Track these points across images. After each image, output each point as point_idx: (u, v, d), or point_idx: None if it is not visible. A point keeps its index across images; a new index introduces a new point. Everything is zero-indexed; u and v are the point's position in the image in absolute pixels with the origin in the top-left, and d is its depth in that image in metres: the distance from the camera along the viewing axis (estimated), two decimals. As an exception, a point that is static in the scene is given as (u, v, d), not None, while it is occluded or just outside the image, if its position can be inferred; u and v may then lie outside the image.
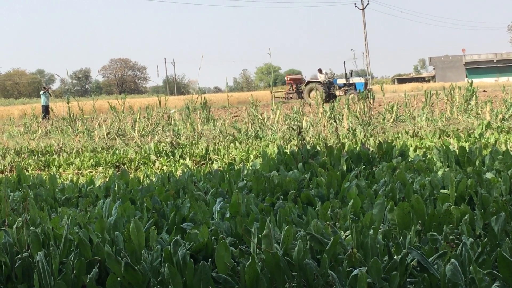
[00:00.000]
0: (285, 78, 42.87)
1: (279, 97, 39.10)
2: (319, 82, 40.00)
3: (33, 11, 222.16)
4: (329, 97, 36.54)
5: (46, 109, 30.90)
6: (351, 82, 39.62)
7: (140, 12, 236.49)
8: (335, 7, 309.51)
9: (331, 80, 40.31)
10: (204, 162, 10.43)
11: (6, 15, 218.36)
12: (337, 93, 38.33)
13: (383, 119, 16.77)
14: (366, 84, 39.69)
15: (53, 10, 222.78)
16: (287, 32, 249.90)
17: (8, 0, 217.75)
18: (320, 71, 41.79)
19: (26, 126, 22.21)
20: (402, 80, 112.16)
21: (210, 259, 3.31)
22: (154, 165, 10.35)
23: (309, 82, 40.64)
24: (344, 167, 6.21)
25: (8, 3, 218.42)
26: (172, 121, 17.99)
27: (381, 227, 3.70)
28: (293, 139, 12.59)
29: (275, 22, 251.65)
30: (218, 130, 15.86)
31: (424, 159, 6.62)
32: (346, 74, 41.11)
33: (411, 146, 9.43)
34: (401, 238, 3.42)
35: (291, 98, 39.93)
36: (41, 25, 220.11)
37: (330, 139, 12.06)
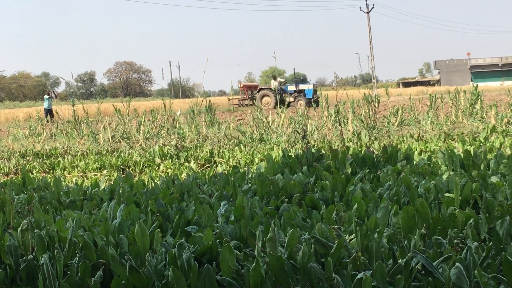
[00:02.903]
0: (238, 85, 43.88)
1: (236, 104, 40.28)
2: (270, 88, 41.45)
3: (38, 14, 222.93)
4: (280, 103, 37.88)
5: (48, 112, 31.00)
6: (300, 89, 40.81)
7: (145, 15, 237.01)
8: (340, 11, 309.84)
9: (282, 87, 41.28)
10: (209, 165, 10.43)
11: (12, 18, 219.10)
12: (288, 99, 39.52)
13: (388, 123, 16.75)
14: (315, 91, 40.91)
15: (58, 13, 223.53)
16: (292, 36, 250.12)
17: (13, 3, 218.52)
18: (274, 77, 43.16)
19: (31, 128, 22.27)
20: (407, 84, 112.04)
21: (214, 262, 3.31)
22: (158, 168, 10.36)
23: (261, 89, 41.84)
24: (349, 171, 6.20)
25: (13, 6, 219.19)
26: (177, 124, 18.02)
27: (385, 230, 3.69)
28: (298, 142, 12.59)
29: (280, 25, 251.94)
30: (223, 133, 15.87)
31: (429, 162, 6.61)
32: (296, 81, 42.31)
33: (416, 150, 9.42)
34: (406, 241, 3.42)
35: (246, 105, 40.72)
36: (46, 28, 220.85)
37: (335, 142, 12.06)
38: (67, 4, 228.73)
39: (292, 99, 39.65)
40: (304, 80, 44.04)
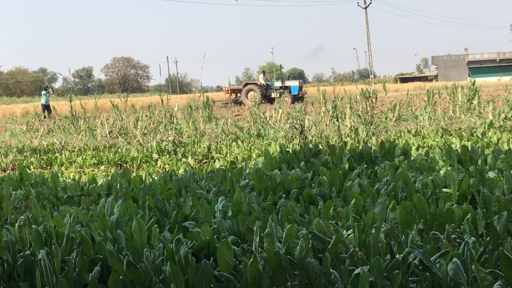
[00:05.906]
0: (224, 88, 44.25)
1: (219, 100, 40.75)
2: (256, 84, 41.76)
3: (35, 10, 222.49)
4: (265, 98, 38.79)
5: (46, 108, 30.93)
6: (286, 85, 41.37)
7: (142, 10, 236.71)
8: (338, 6, 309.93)
9: (268, 83, 41.57)
10: (206, 160, 10.43)
11: (9, 14, 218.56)
12: (273, 95, 39.83)
13: (386, 118, 16.75)
14: (300, 87, 41.31)
15: (55, 8, 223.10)
16: (289, 31, 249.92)
17: (10, 0, 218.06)
18: (263, 72, 43.72)
19: (29, 124, 22.24)
20: (404, 79, 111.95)
21: (212, 258, 3.31)
22: (156, 164, 10.36)
23: (247, 84, 42.28)
24: (346, 166, 6.20)
25: (10, 2, 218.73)
26: (175, 120, 18.00)
27: (383, 226, 3.70)
28: (295, 138, 12.59)
29: (278, 21, 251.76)
30: (221, 128, 15.86)
31: (426, 158, 6.61)
32: (282, 77, 43.10)
33: (414, 145, 9.42)
34: (403, 237, 3.42)
35: (228, 102, 41.18)
36: (43, 24, 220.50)
37: (332, 138, 12.06)
38: (65, 0, 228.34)
39: (278, 95, 39.96)
40: (301, 76, 44.45)
